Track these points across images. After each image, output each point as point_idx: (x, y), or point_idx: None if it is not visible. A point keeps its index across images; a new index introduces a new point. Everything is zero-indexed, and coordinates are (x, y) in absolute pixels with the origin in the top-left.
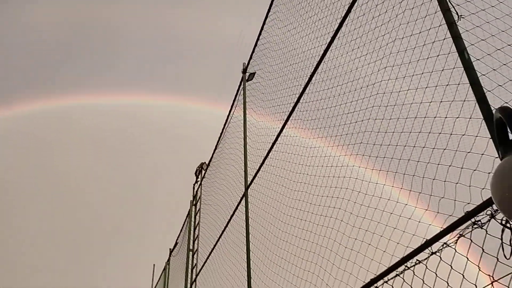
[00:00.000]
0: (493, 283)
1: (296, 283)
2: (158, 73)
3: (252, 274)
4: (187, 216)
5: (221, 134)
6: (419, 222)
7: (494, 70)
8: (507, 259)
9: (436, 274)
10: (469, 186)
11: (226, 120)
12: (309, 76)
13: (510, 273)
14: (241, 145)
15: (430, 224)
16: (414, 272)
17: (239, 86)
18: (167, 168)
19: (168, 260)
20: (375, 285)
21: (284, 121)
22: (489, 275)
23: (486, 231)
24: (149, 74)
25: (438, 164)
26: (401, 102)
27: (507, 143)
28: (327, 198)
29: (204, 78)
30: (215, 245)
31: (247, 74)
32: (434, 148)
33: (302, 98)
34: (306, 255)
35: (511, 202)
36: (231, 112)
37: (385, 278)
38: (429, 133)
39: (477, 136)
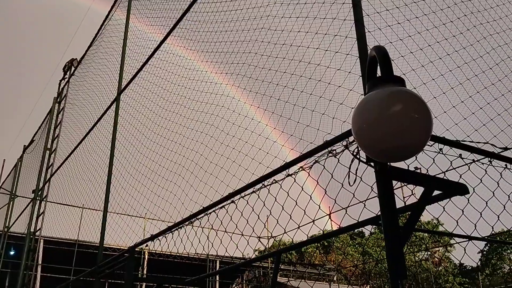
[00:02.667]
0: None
1: (159, 193)
2: None
3: (112, 179)
4: (48, 114)
5: (98, 32)
6: (283, 146)
7: (378, 13)
8: (350, 185)
9: (288, 194)
10: (333, 118)
11: (105, 19)
12: None
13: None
14: (120, 46)
15: (291, 149)
16: (269, 190)
17: None
18: (32, 58)
19: (21, 157)
20: (232, 199)
21: (166, 33)
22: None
23: (338, 160)
24: None
25: (310, 94)
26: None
27: (374, 79)
28: (199, 113)
29: None
30: (76, 147)
31: None
32: (310, 79)
33: (187, 15)
34: (171, 166)
35: (366, 133)
36: (112, 11)
37: (242, 194)
38: (308, 63)
39: (349, 72)
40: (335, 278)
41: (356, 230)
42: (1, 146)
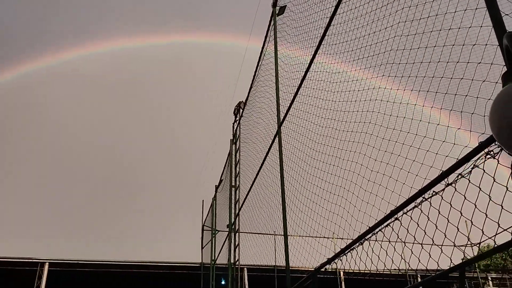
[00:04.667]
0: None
1: (324, 215)
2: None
3: (287, 208)
4: (228, 155)
5: (255, 72)
6: (454, 144)
7: None
8: None
9: (450, 205)
10: (483, 116)
11: (260, 58)
12: (334, 7)
13: None
14: (273, 83)
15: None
16: (430, 203)
17: (270, 21)
18: (205, 109)
19: (215, 196)
20: (395, 216)
21: (313, 52)
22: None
23: (498, 161)
24: (165, 11)
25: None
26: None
27: (507, 72)
28: (354, 123)
29: (233, 13)
30: (253, 181)
31: (277, 8)
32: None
33: (329, 30)
34: (332, 189)
35: (510, 133)
36: (264, 49)
37: (404, 210)
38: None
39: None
40: None
41: None
42: (193, 189)
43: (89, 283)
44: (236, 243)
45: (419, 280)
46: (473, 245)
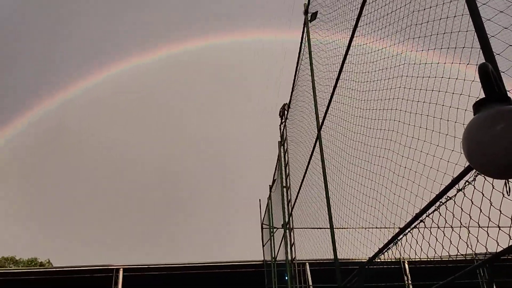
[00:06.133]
0: None
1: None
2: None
3: (332, 210)
4: (278, 156)
5: (294, 76)
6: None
7: None
8: None
9: (480, 208)
10: None
11: (297, 63)
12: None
13: None
14: (311, 88)
15: None
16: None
17: (303, 29)
18: (248, 112)
19: (269, 195)
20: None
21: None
22: None
23: None
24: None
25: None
26: None
27: (478, 102)
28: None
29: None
30: (301, 183)
31: (309, 14)
32: None
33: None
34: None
35: (478, 157)
36: (300, 55)
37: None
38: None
39: None
40: None
41: None
42: (251, 189)
43: (160, 285)
44: (292, 242)
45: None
46: None
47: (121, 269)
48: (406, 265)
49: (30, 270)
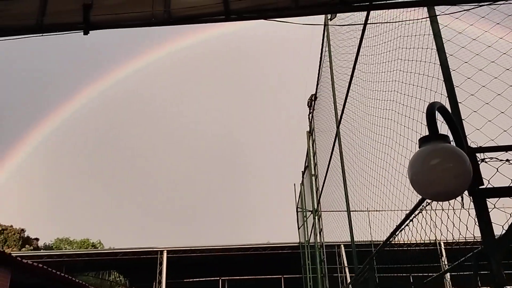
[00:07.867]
0: None
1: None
2: None
3: (349, 201)
4: (307, 145)
5: (319, 71)
6: None
7: None
8: None
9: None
10: None
11: (320, 59)
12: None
13: None
14: (330, 85)
15: None
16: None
17: (324, 29)
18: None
19: (302, 181)
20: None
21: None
22: None
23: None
24: None
25: None
26: None
27: (422, 138)
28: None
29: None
30: (326, 173)
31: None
32: None
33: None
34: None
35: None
36: (323, 53)
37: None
38: None
39: None
40: None
41: None
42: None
43: (200, 265)
44: (321, 227)
45: None
46: None
47: (165, 251)
48: (442, 246)
49: (83, 252)
